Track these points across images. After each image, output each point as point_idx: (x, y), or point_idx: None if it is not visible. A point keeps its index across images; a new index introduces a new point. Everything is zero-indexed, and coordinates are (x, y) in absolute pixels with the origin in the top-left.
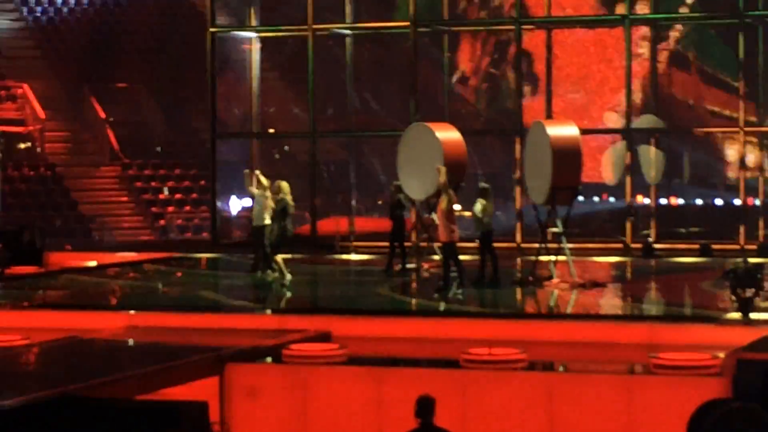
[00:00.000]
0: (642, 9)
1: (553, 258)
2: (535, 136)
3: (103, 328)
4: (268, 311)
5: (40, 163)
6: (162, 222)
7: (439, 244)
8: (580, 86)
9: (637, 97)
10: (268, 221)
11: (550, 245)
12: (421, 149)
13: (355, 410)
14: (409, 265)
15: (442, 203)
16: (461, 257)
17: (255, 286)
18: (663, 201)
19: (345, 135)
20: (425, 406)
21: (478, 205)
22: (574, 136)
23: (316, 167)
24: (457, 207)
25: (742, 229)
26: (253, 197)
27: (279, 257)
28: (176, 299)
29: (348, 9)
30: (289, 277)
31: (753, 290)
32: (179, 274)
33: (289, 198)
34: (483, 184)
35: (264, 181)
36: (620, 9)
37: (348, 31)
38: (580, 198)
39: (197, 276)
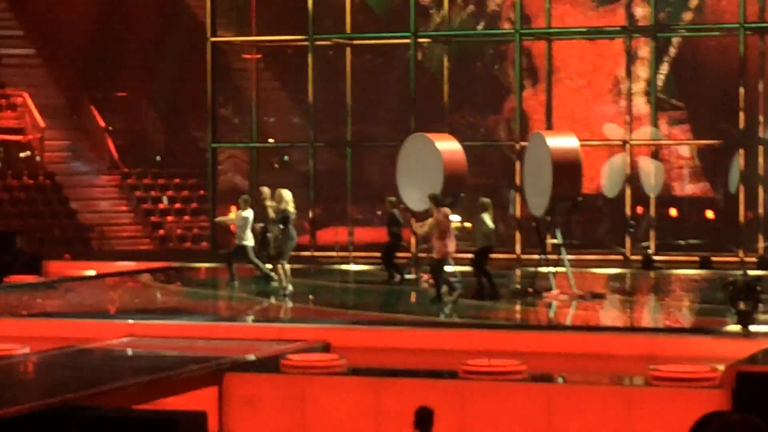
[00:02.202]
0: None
1: (552, 269)
2: (535, 147)
3: (102, 337)
4: (267, 321)
5: (40, 172)
6: (161, 231)
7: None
8: (580, 97)
9: (637, 108)
10: (249, 241)
11: (549, 256)
12: (420, 160)
13: (353, 421)
14: (408, 276)
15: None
16: (461, 269)
17: (254, 295)
18: (662, 213)
19: (344, 145)
20: (424, 418)
21: (488, 220)
22: (574, 147)
23: (315, 177)
24: (456, 218)
25: (741, 242)
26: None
27: (285, 266)
28: (175, 309)
29: (348, 19)
30: (290, 287)
31: (752, 303)
32: (178, 283)
33: (290, 207)
34: (484, 199)
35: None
36: (620, 20)
37: (348, 41)
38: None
39: (196, 285)
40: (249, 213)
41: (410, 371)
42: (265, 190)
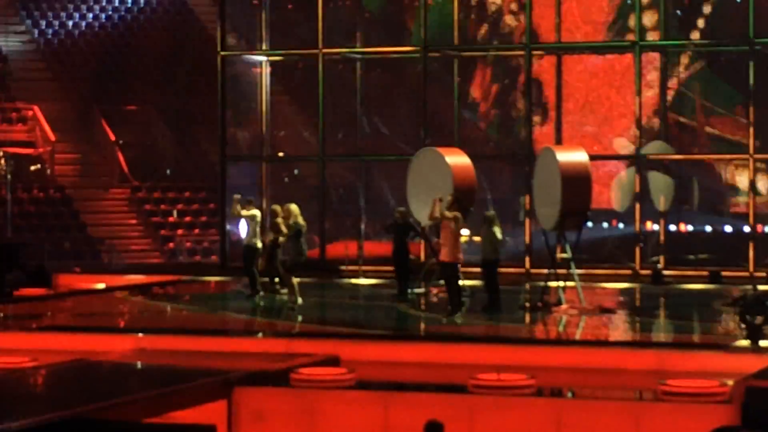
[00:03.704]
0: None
1: (561, 284)
2: (545, 161)
3: (111, 350)
4: (277, 335)
5: (50, 185)
6: (171, 245)
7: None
8: (590, 112)
9: (647, 123)
10: (260, 243)
11: (559, 271)
12: (430, 174)
13: None
14: (417, 290)
15: (450, 225)
16: (470, 282)
17: (264, 309)
18: (672, 227)
19: (354, 158)
20: (433, 431)
21: (498, 232)
22: (584, 162)
23: (325, 191)
24: (465, 232)
25: (751, 257)
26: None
27: (294, 280)
28: (184, 322)
29: (359, 33)
30: (300, 300)
31: (762, 317)
32: (187, 297)
33: (300, 220)
34: (490, 212)
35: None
36: (630, 35)
37: (358, 55)
38: (589, 224)
39: (205, 299)
40: (256, 212)
41: (419, 385)
42: (277, 207)
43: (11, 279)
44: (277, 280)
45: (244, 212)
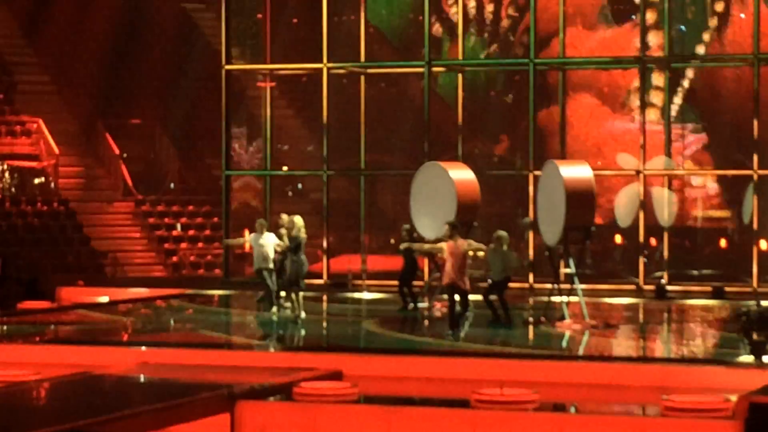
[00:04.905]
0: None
1: (565, 299)
2: (549, 176)
3: (115, 364)
4: (280, 349)
5: (54, 198)
6: (174, 258)
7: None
8: (594, 126)
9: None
10: (271, 264)
11: (562, 286)
12: (434, 188)
13: None
14: (421, 305)
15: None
16: (473, 297)
17: (266, 323)
18: (676, 243)
19: (358, 173)
20: None
21: (513, 255)
22: (588, 176)
23: (328, 205)
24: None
25: (755, 272)
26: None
27: (294, 294)
28: (187, 336)
29: (362, 47)
30: (303, 314)
31: (765, 333)
32: (191, 311)
33: (302, 233)
34: (502, 232)
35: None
36: (634, 51)
37: (362, 70)
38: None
39: (209, 313)
40: (269, 236)
41: (422, 400)
42: (284, 216)
43: (4, 291)
44: (282, 294)
45: (255, 236)
